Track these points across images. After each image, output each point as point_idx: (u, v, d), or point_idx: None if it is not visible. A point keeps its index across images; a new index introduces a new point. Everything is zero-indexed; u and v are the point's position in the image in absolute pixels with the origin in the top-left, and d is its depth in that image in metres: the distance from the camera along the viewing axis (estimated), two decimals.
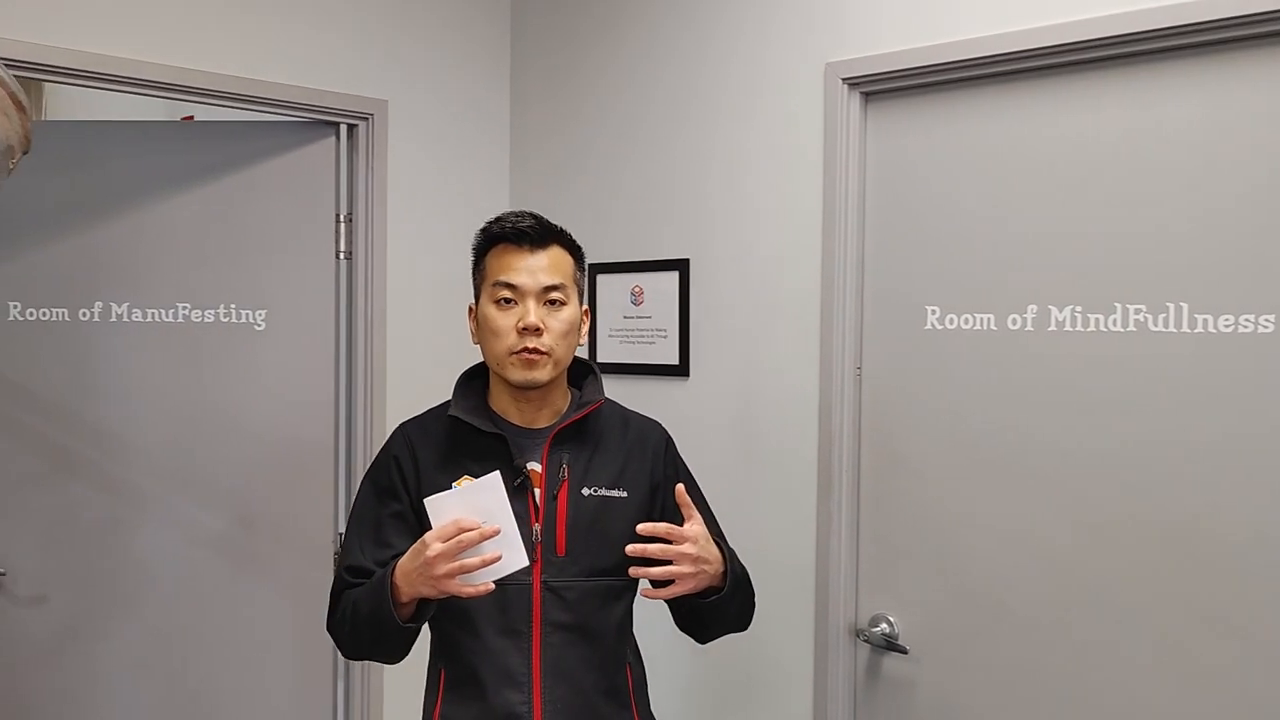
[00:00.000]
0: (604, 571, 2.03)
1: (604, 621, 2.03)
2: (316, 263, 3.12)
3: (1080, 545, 2.31)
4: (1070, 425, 2.32)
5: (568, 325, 2.01)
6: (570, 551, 2.00)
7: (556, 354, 2.00)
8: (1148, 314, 2.22)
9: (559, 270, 2.02)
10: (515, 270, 2.00)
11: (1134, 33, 2.18)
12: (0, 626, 3.02)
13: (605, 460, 2.08)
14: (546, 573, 1.98)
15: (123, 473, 3.05)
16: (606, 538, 2.02)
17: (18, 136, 1.32)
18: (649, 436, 2.17)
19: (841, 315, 2.63)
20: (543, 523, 1.99)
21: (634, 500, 2.08)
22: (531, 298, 1.98)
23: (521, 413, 2.07)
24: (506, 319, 1.99)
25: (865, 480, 2.66)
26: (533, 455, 2.03)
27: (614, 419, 2.15)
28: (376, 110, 3.12)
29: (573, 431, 2.06)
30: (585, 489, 2.03)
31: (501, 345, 1.99)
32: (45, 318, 3.02)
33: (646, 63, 3.06)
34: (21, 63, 2.56)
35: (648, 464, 2.12)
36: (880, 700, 2.64)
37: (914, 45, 2.50)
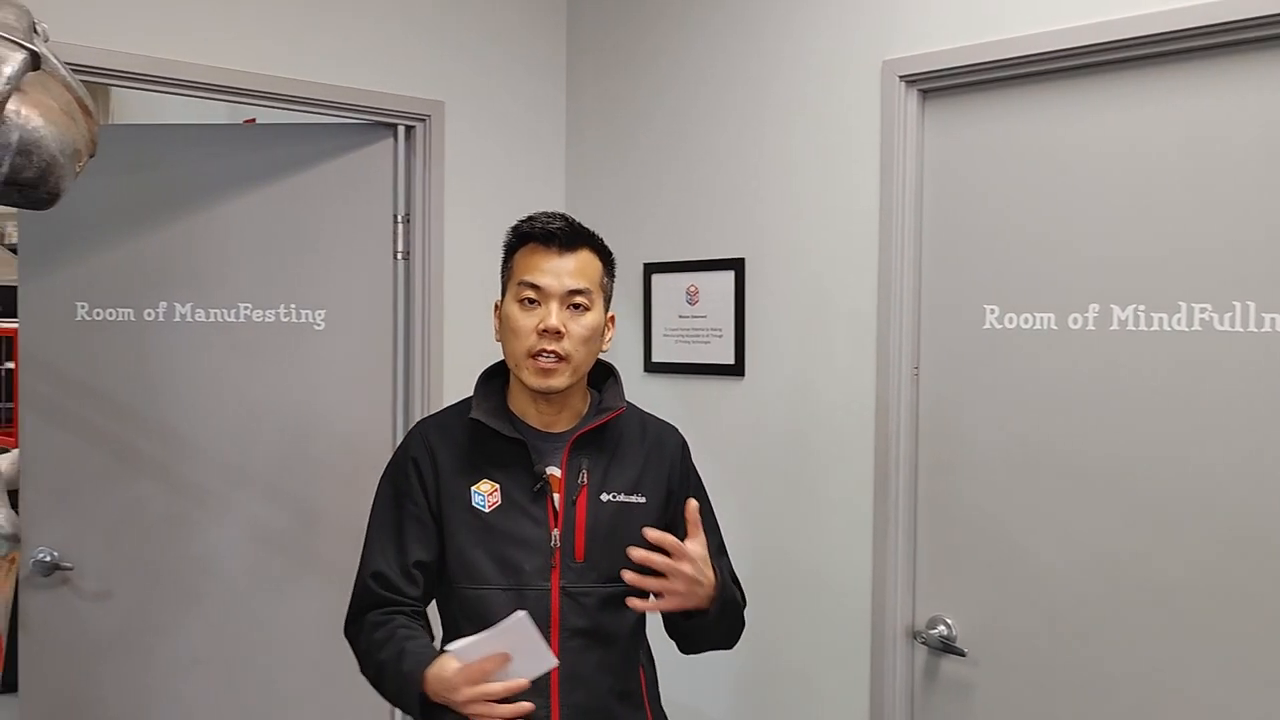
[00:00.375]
0: (621, 578, 2.02)
1: (620, 626, 2.03)
2: (375, 263, 3.16)
3: (1143, 549, 2.28)
4: (1133, 426, 2.29)
5: (589, 331, 2.00)
6: (588, 557, 2.00)
7: (575, 359, 1.98)
8: (1213, 313, 2.18)
9: (585, 274, 2.01)
10: (541, 271, 1.98)
11: (1199, 27, 2.15)
12: (68, 620, 3.08)
13: (624, 466, 2.07)
14: (565, 579, 1.98)
15: (186, 470, 3.10)
16: (624, 544, 1.99)
17: (84, 140, 1.35)
18: (666, 442, 2.16)
19: (899, 315, 2.62)
20: (561, 528, 1.99)
21: (652, 506, 2.08)
22: (555, 300, 1.97)
23: (541, 414, 2.06)
24: (528, 319, 1.98)
25: (922, 481, 2.63)
26: (552, 460, 2.03)
27: (632, 423, 2.13)
28: (433, 112, 3.15)
29: (592, 436, 2.05)
30: (604, 495, 2.03)
31: (521, 345, 1.98)
32: (111, 318, 3.07)
33: (702, 62, 3.06)
34: (90, 68, 2.60)
35: (665, 470, 2.12)
36: (937, 703, 2.62)
37: (972, 42, 2.48)
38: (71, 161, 1.30)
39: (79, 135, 1.33)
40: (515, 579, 1.98)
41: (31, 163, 1.22)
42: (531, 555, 1.98)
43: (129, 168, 3.04)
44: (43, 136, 1.23)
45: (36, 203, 1.27)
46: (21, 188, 1.23)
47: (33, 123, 1.22)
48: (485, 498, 2.01)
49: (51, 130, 1.25)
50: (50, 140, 1.24)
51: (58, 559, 3.04)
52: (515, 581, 1.98)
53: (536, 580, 1.97)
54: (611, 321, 2.09)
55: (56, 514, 3.06)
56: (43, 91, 1.27)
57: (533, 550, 1.98)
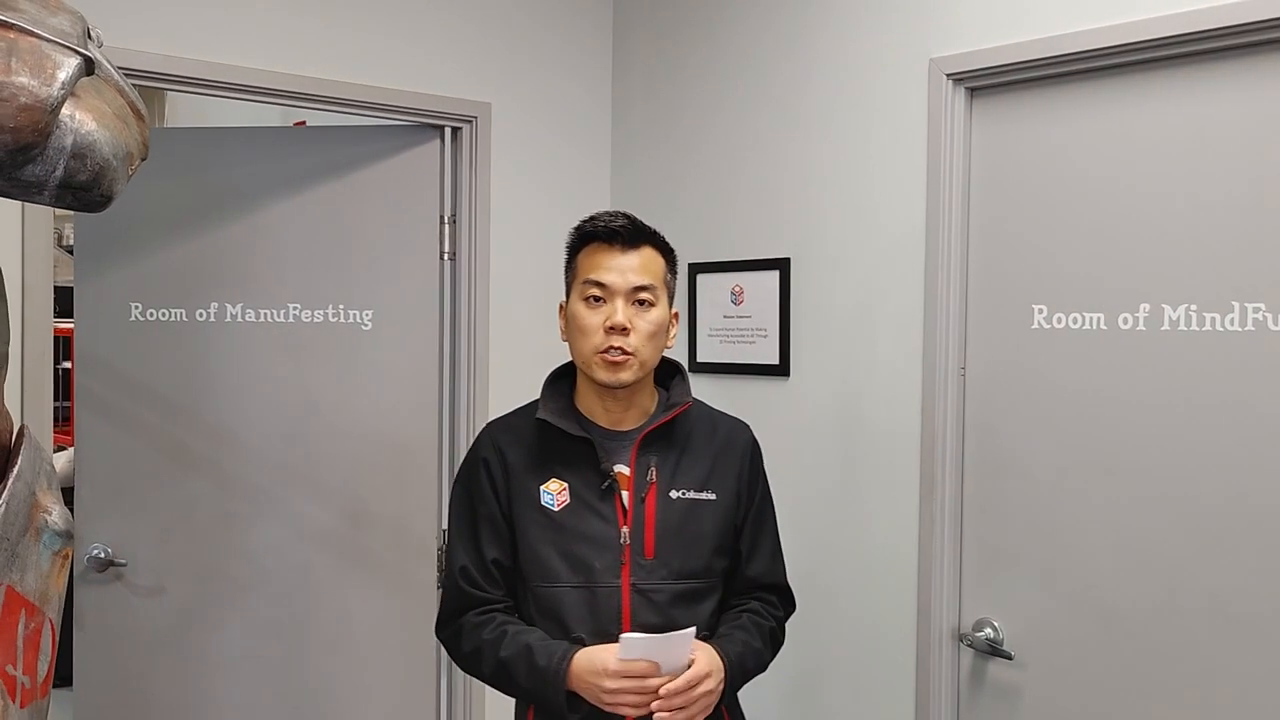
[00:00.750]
0: (692, 574, 2.04)
1: (690, 622, 2.03)
2: (421, 263, 3.18)
3: (1195, 552, 2.25)
4: (1184, 428, 2.26)
5: (655, 326, 2.02)
6: (659, 554, 2.02)
7: (642, 355, 2.01)
8: (1266, 312, 2.14)
9: (649, 271, 2.03)
10: (605, 269, 2.01)
11: (1254, 22, 2.11)
12: (121, 615, 3.13)
13: (693, 462, 2.08)
14: (635, 576, 2.00)
15: (237, 468, 3.14)
16: (695, 541, 2.04)
17: (137, 144, 1.37)
18: (737, 439, 2.17)
19: (945, 314, 2.60)
20: (631, 526, 2.01)
21: (722, 503, 2.09)
22: (620, 297, 1.99)
23: (608, 413, 2.08)
24: (594, 317, 2.00)
25: (969, 482, 2.62)
26: (620, 458, 2.05)
27: (702, 420, 2.15)
28: (480, 113, 3.17)
29: (660, 433, 2.07)
30: (673, 491, 2.05)
31: (588, 343, 2.00)
32: (164, 318, 3.12)
33: (747, 61, 3.06)
34: (147, 73, 2.66)
35: (735, 466, 2.13)
36: (984, 706, 2.60)
37: (1020, 40, 2.46)
38: (124, 165, 1.32)
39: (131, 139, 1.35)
40: (586, 576, 2.01)
41: (85, 166, 1.24)
42: (601, 553, 2.01)
43: (182, 171, 3.09)
44: (96, 140, 1.25)
45: (90, 205, 1.29)
46: (75, 191, 1.25)
47: (86, 127, 1.24)
48: (554, 497, 2.04)
49: (105, 134, 1.27)
50: (104, 144, 1.26)
51: (111, 555, 3.10)
52: (586, 579, 2.01)
53: (607, 578, 2.00)
54: (675, 318, 2.11)
55: (111, 511, 3.12)
56: (96, 96, 1.29)
57: (602, 548, 2.01)
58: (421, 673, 3.21)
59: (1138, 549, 2.33)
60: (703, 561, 2.04)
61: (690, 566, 2.03)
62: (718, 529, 2.07)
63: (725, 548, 2.11)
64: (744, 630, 2.08)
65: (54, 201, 1.26)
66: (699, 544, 2.04)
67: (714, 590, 2.10)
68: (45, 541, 1.33)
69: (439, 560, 3.20)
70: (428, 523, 3.20)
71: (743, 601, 2.16)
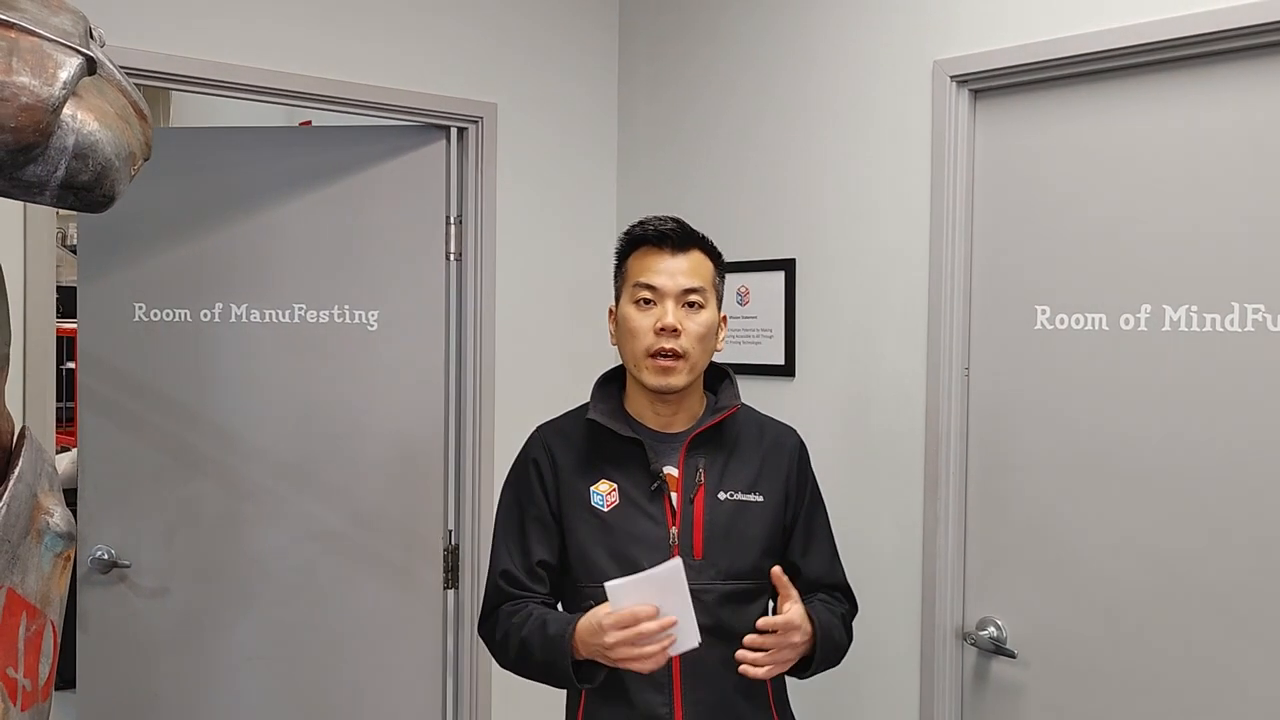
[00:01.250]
0: (740, 575, 2.05)
1: (740, 623, 2.03)
2: (427, 264, 3.18)
3: (1197, 551, 2.24)
4: (1185, 428, 2.25)
5: (705, 329, 2.03)
6: (707, 555, 2.03)
7: (692, 357, 2.02)
8: (1266, 313, 2.14)
9: (699, 274, 2.05)
10: (655, 272, 2.03)
11: (1250, 26, 2.11)
12: (125, 617, 3.13)
13: (741, 465, 2.10)
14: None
15: (241, 469, 3.14)
16: (743, 541, 2.05)
17: (139, 144, 1.37)
18: (785, 443, 2.18)
19: (949, 315, 2.60)
20: (679, 527, 2.02)
21: (770, 505, 2.10)
22: (670, 299, 2.01)
23: (658, 416, 2.09)
24: (645, 319, 2.02)
25: (973, 482, 2.61)
26: (669, 459, 2.06)
27: (750, 424, 2.17)
28: (486, 114, 3.17)
29: (709, 436, 2.08)
30: (721, 493, 2.06)
31: (639, 345, 2.02)
32: (169, 318, 3.12)
33: (752, 63, 3.06)
34: (152, 72, 2.66)
35: (783, 470, 2.14)
36: (988, 704, 2.59)
37: (1023, 42, 2.45)
38: (126, 165, 1.32)
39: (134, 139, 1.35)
40: None
41: (87, 166, 1.24)
42: (650, 553, 2.01)
43: (187, 170, 3.09)
44: (98, 140, 1.25)
45: (91, 206, 1.29)
46: (77, 191, 1.25)
47: (88, 127, 1.24)
48: (604, 497, 2.05)
49: (107, 134, 1.27)
50: (105, 144, 1.26)
51: (115, 556, 3.10)
52: None
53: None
54: (724, 321, 2.13)
55: (114, 512, 3.12)
56: (98, 96, 1.29)
57: (651, 548, 2.02)
58: (428, 674, 3.21)
59: (1140, 548, 2.32)
60: (750, 562, 2.05)
61: (738, 567, 2.04)
62: (766, 530, 2.08)
63: (774, 549, 2.11)
64: (827, 609, 2.08)
65: (55, 202, 1.26)
66: (747, 545, 2.05)
67: (762, 592, 2.10)
68: (47, 543, 1.33)
69: (445, 562, 3.20)
70: (434, 524, 3.20)
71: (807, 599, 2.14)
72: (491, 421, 3.19)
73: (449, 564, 3.21)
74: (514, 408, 3.16)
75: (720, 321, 2.10)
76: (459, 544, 3.22)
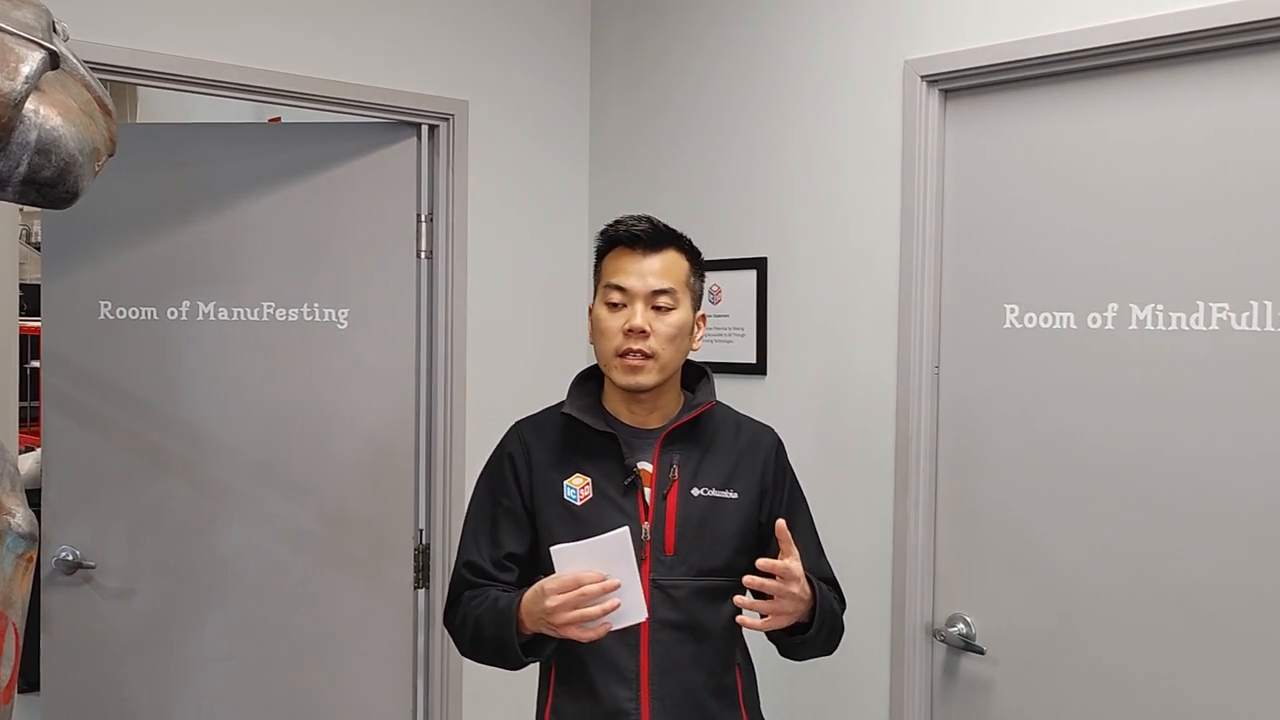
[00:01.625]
0: (712, 571, 2.04)
1: (712, 621, 2.04)
2: (398, 262, 3.17)
3: (1163, 548, 2.26)
4: (1151, 426, 2.27)
5: (675, 329, 2.03)
6: (679, 551, 2.02)
7: (662, 358, 2.02)
8: (1231, 312, 2.16)
9: (670, 274, 2.04)
10: (625, 272, 2.03)
11: (1217, 27, 2.13)
12: (90, 619, 3.09)
13: (716, 461, 2.09)
14: (655, 571, 2.00)
15: (209, 469, 3.11)
16: (716, 538, 2.04)
17: (104, 140, 1.35)
18: (761, 440, 2.18)
19: (919, 314, 2.61)
20: (652, 522, 2.02)
21: (744, 502, 2.09)
22: (639, 300, 2.01)
23: (633, 414, 2.09)
24: (614, 320, 2.02)
25: (943, 480, 2.63)
26: (644, 454, 2.06)
27: (727, 422, 2.16)
28: (457, 111, 3.16)
29: (684, 432, 2.08)
30: (695, 489, 2.05)
31: (609, 345, 2.02)
32: (135, 316, 3.08)
33: (725, 62, 3.06)
34: (117, 68, 2.63)
35: (758, 467, 2.14)
36: (957, 701, 2.61)
37: (994, 42, 2.47)
38: (90, 161, 1.30)
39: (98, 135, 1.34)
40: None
41: (50, 162, 1.23)
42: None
43: (153, 167, 3.05)
44: (61, 136, 1.23)
45: (55, 202, 1.28)
46: (40, 187, 1.24)
47: (51, 122, 1.22)
48: (577, 491, 2.05)
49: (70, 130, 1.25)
50: (69, 139, 1.25)
51: (80, 557, 3.06)
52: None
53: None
54: (702, 321, 2.12)
55: (79, 512, 3.08)
56: (61, 91, 1.28)
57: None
58: (398, 674, 3.19)
59: (1107, 545, 2.34)
60: (724, 559, 2.04)
61: (711, 563, 2.03)
62: (740, 527, 2.08)
63: (747, 546, 2.09)
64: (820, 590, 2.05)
65: (18, 198, 1.25)
66: (720, 541, 2.04)
67: (736, 590, 2.09)
68: (8, 544, 1.31)
69: (416, 560, 3.18)
70: (404, 523, 3.19)
71: None
72: (463, 420, 3.18)
73: (419, 563, 3.19)
74: (485, 406, 3.15)
75: (698, 321, 2.10)
76: (430, 543, 3.21)
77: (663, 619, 1.99)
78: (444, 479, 3.18)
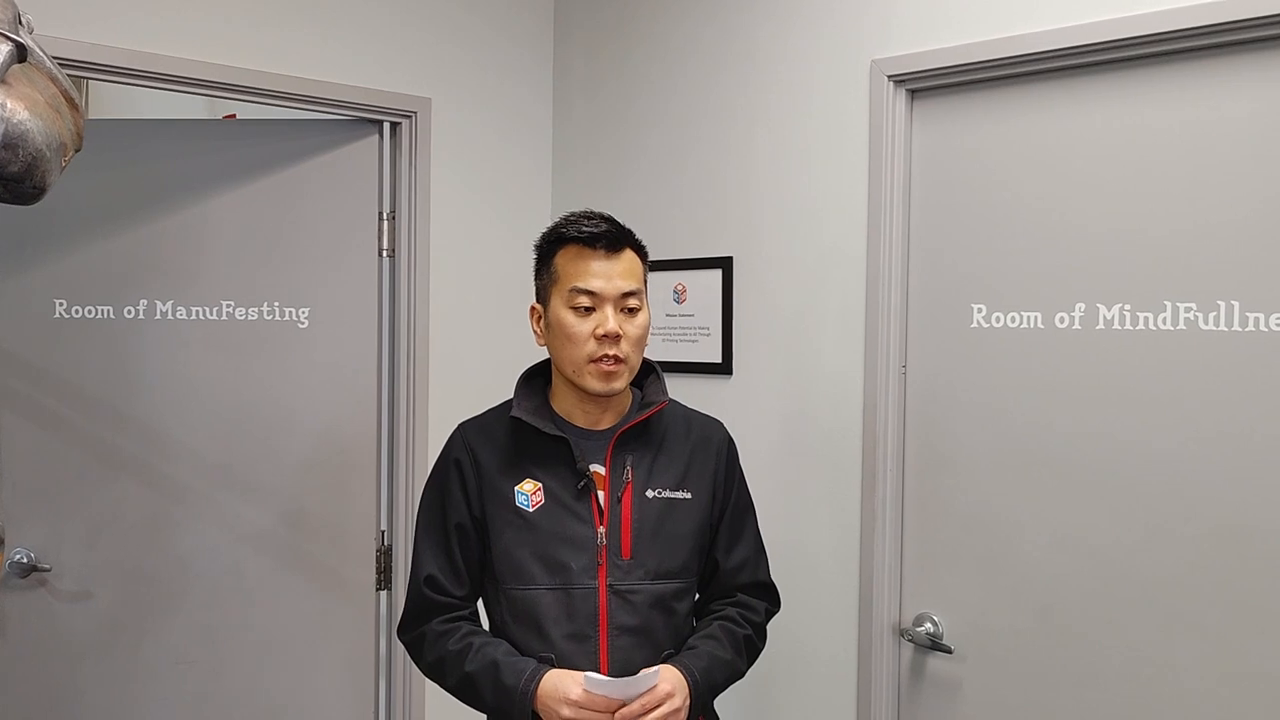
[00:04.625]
0: (670, 574, 2.03)
1: (669, 623, 2.03)
2: (359, 260, 3.13)
3: (1130, 546, 2.28)
4: (1118, 425, 2.29)
5: (643, 331, 2.02)
6: (635, 554, 2.00)
7: (632, 361, 2.01)
8: (1198, 312, 2.19)
9: (633, 275, 2.02)
10: (593, 275, 1.98)
11: (1183, 29, 2.15)
12: (45, 622, 3.04)
13: (669, 462, 2.07)
14: (612, 576, 1.98)
15: (167, 470, 3.06)
16: (672, 539, 2.03)
17: (70, 134, 1.33)
18: (712, 437, 2.16)
19: (886, 313, 2.61)
20: (607, 526, 1.99)
21: (698, 502, 2.08)
22: (610, 304, 1.98)
23: (587, 414, 2.06)
24: (585, 325, 1.97)
25: (910, 479, 2.63)
26: (596, 457, 2.03)
27: (677, 420, 2.14)
28: (420, 108, 3.13)
29: (636, 433, 2.06)
30: (650, 491, 2.03)
31: (580, 352, 1.98)
32: (90, 315, 3.03)
33: (691, 59, 3.05)
34: (74, 62, 2.58)
35: (710, 465, 2.12)
36: (924, 700, 2.61)
37: (960, 42, 2.48)
38: (57, 155, 1.28)
39: (65, 129, 1.31)
40: (562, 578, 1.98)
41: (17, 156, 1.20)
42: (577, 554, 1.99)
43: (108, 163, 3.00)
44: (28, 130, 1.21)
45: (21, 198, 1.25)
46: (6, 182, 1.21)
47: (18, 116, 1.20)
48: (529, 497, 2.02)
49: (37, 124, 1.22)
50: (36, 133, 1.22)
51: (35, 560, 3.00)
52: (562, 580, 1.98)
53: (583, 579, 1.98)
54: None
55: (34, 514, 3.02)
56: (28, 84, 1.25)
57: (578, 549, 1.99)
58: (360, 677, 3.16)
59: (1074, 543, 2.36)
60: (680, 561, 2.03)
61: (667, 566, 2.02)
62: (695, 528, 2.07)
63: (703, 547, 2.10)
64: (713, 640, 2.05)
65: None
66: (676, 543, 2.03)
67: (691, 591, 2.09)
68: None
69: (378, 562, 3.15)
70: (366, 524, 3.16)
71: (720, 607, 2.14)
72: (425, 421, 3.15)
73: (381, 565, 3.16)
74: (447, 407, 3.12)
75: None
76: (392, 544, 3.18)
77: (621, 625, 1.98)
78: (406, 480, 3.15)
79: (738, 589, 2.15)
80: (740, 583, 2.16)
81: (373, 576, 3.15)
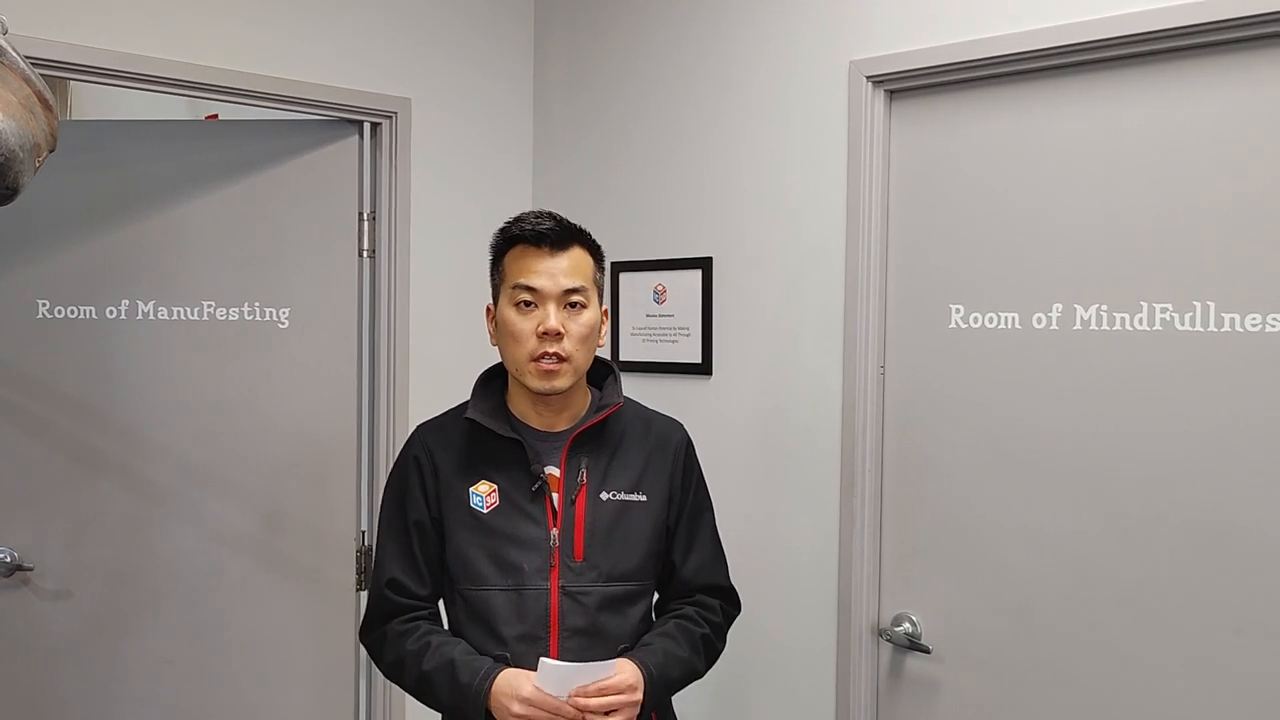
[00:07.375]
0: (623, 576, 2.03)
1: (622, 625, 2.03)
2: (340, 261, 3.13)
3: (1107, 546, 2.29)
4: (1095, 425, 2.30)
5: (588, 329, 2.00)
6: (588, 557, 2.00)
7: (576, 360, 1.99)
8: (1174, 313, 2.20)
9: (579, 272, 2.00)
10: (535, 273, 1.97)
11: (1160, 30, 2.16)
12: (26, 622, 3.04)
13: (625, 464, 2.07)
14: (564, 578, 1.99)
15: (148, 470, 3.06)
16: (625, 543, 2.03)
17: (44, 135, 1.33)
18: (670, 439, 2.16)
19: (865, 314, 2.62)
20: (560, 528, 1.99)
21: (653, 505, 2.08)
22: (552, 301, 1.97)
23: (540, 416, 2.06)
24: (526, 322, 1.97)
25: (888, 479, 2.64)
26: (551, 459, 2.03)
27: (635, 421, 2.14)
28: (400, 109, 3.13)
29: (592, 434, 2.05)
30: (604, 493, 2.03)
31: (522, 350, 1.98)
32: (72, 316, 3.03)
33: (670, 61, 3.06)
34: (52, 62, 2.57)
35: (667, 469, 2.12)
36: (903, 700, 2.63)
37: (938, 43, 2.49)
38: (31, 156, 1.28)
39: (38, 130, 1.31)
40: (515, 579, 1.99)
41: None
42: (530, 555, 1.99)
43: (89, 164, 3.00)
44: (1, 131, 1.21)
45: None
46: None
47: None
48: (484, 499, 2.02)
49: (10, 125, 1.23)
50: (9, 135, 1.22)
51: (18, 559, 3.00)
52: (515, 582, 1.99)
53: (536, 580, 1.98)
54: (606, 316, 2.10)
55: (16, 514, 3.02)
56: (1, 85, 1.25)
57: (531, 550, 1.99)
58: (340, 677, 3.16)
59: (1051, 543, 2.37)
60: (633, 564, 2.03)
61: (620, 569, 2.02)
62: (650, 531, 2.06)
63: (658, 550, 2.10)
64: (669, 638, 2.06)
65: None
66: (630, 546, 2.03)
67: (645, 594, 2.08)
68: None
69: (358, 562, 3.15)
70: (346, 525, 3.15)
71: (678, 606, 2.15)
72: (405, 421, 3.15)
73: (361, 565, 3.16)
74: (427, 407, 3.08)
75: (602, 316, 2.07)
76: (372, 545, 3.17)
77: (573, 627, 1.98)
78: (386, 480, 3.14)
79: (694, 592, 2.16)
80: (698, 586, 2.16)
81: (353, 577, 3.15)
